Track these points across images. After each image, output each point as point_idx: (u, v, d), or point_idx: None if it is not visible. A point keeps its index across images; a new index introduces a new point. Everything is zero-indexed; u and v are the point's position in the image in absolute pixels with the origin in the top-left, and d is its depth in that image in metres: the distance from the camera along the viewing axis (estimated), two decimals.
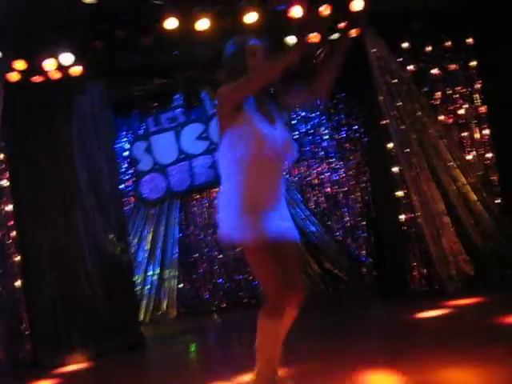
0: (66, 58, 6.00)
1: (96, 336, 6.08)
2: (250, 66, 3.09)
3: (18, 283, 5.99)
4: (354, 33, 6.58)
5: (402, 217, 6.89)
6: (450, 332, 4.66)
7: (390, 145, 6.95)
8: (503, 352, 3.68)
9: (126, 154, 8.58)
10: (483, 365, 3.47)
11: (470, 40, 7.55)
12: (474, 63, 7.56)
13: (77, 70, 6.17)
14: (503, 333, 4.36)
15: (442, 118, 7.38)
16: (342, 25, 6.50)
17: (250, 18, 6.08)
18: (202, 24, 6.07)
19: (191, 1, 6.03)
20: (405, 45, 7.31)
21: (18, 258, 6.05)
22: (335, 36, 6.75)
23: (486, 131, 7.50)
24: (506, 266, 6.77)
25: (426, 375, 3.42)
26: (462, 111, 7.50)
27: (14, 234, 6.06)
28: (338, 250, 8.26)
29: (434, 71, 7.46)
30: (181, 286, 8.47)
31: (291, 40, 6.59)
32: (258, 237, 2.95)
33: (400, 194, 6.90)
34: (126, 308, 6.41)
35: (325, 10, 6.06)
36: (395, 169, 6.91)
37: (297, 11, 6.04)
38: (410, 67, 7.27)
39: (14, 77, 6.00)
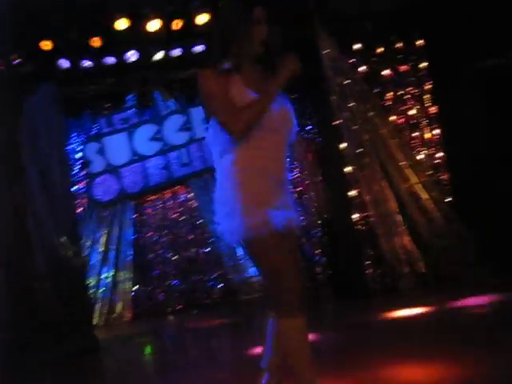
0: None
1: (48, 340, 5.98)
2: (254, 34, 2.76)
3: None
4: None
5: (355, 216, 6.96)
6: (404, 328, 4.73)
7: (343, 145, 7.02)
8: (454, 346, 3.76)
9: (79, 155, 8.44)
10: (438, 358, 3.54)
11: (420, 42, 7.67)
12: (424, 64, 7.69)
13: (27, 70, 6.07)
14: (454, 327, 4.46)
15: (393, 118, 7.49)
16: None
17: (202, 18, 6.07)
18: (153, 25, 6.03)
19: (142, 2, 5.99)
20: (357, 46, 7.38)
21: None
22: None
23: (437, 131, 7.64)
24: (456, 262, 6.90)
25: (378, 372, 3.46)
26: (413, 112, 7.62)
27: None
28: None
29: (386, 72, 7.57)
30: (135, 288, 8.39)
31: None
32: (263, 225, 2.71)
33: (353, 193, 6.97)
34: (79, 311, 6.33)
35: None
36: (348, 169, 6.98)
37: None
38: (362, 68, 7.36)
39: None
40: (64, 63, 6.60)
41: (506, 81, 6.73)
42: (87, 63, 6.81)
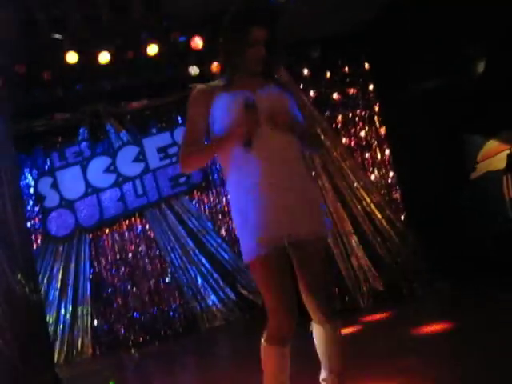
0: None
1: (7, 381, 5.83)
2: (248, 57, 2.74)
3: None
4: None
5: None
6: (362, 347, 4.77)
7: None
8: (414, 362, 3.81)
9: (31, 190, 8.34)
10: (396, 376, 3.58)
11: (366, 65, 7.87)
12: (371, 87, 7.88)
13: None
14: (414, 344, 4.52)
15: (344, 140, 7.64)
16: None
17: (152, 49, 6.12)
18: (103, 57, 6.06)
19: (91, 35, 6.01)
20: (305, 72, 7.54)
21: None
22: None
23: (387, 151, 7.81)
24: (413, 279, 7.01)
25: None
26: (362, 133, 7.78)
27: None
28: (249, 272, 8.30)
29: (335, 96, 7.73)
30: (95, 322, 8.27)
31: (193, 70, 6.67)
32: (250, 251, 2.66)
33: None
34: (38, 350, 6.19)
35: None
36: None
37: (197, 42, 6.13)
38: (311, 93, 7.50)
39: None
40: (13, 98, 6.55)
41: (449, 100, 6.94)
42: (38, 97, 6.77)
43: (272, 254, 2.62)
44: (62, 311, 8.07)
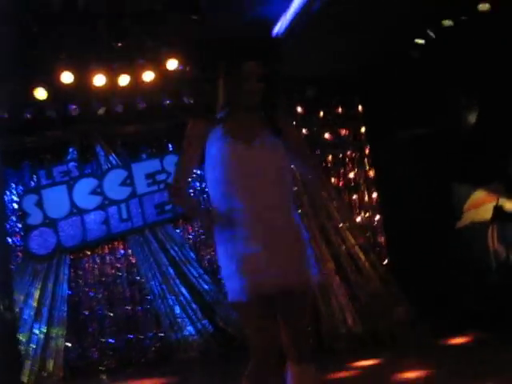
0: None
1: None
2: (243, 91, 2.76)
3: None
4: None
5: None
6: None
7: None
8: None
9: (15, 206, 8.26)
10: None
11: (360, 107, 7.92)
12: (363, 129, 7.93)
13: None
14: None
15: (333, 180, 7.65)
16: None
17: (147, 76, 6.14)
18: (99, 80, 6.07)
19: (88, 57, 6.03)
20: (299, 109, 7.58)
21: None
22: None
23: (374, 194, 7.82)
24: (393, 325, 6.97)
25: None
26: (351, 174, 7.80)
27: None
28: (230, 308, 8.21)
29: (326, 135, 7.76)
30: (68, 345, 8.13)
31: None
32: (232, 293, 2.66)
33: None
34: (7, 368, 6.08)
35: None
36: None
37: (192, 71, 6.16)
38: (304, 131, 7.53)
39: None
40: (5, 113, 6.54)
41: (439, 148, 6.99)
42: (29, 114, 6.76)
43: (255, 300, 2.60)
44: (36, 331, 7.93)
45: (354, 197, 7.83)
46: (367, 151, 7.90)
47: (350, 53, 6.83)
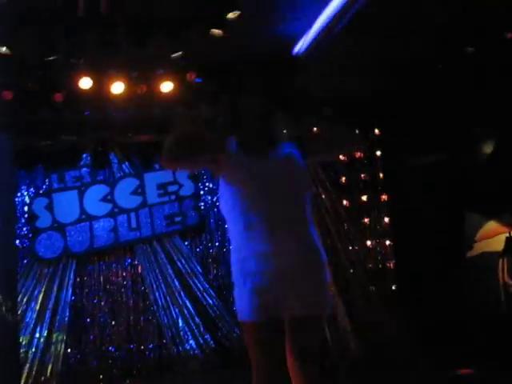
0: None
1: None
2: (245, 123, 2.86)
3: None
4: None
5: None
6: None
7: None
8: None
9: (26, 208, 8.27)
10: None
11: (376, 131, 7.89)
12: (378, 153, 7.89)
13: None
14: None
15: (345, 203, 7.60)
16: None
17: (166, 87, 6.14)
18: (117, 88, 6.07)
19: (108, 64, 6.04)
20: (314, 129, 7.54)
21: None
22: None
23: (386, 219, 7.77)
24: (395, 351, 6.89)
25: None
26: (364, 198, 7.75)
27: None
28: (233, 324, 8.15)
29: (341, 157, 7.72)
30: (68, 350, 8.08)
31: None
32: (242, 313, 2.63)
33: None
34: (6, 371, 6.05)
35: None
36: None
37: (211, 86, 6.16)
38: None
39: None
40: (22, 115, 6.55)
41: (454, 176, 6.95)
42: (46, 117, 6.77)
43: (265, 322, 2.56)
44: (37, 335, 7.90)
45: (366, 220, 7.78)
46: (381, 175, 7.86)
47: (369, 75, 6.81)
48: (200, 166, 3.01)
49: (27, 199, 8.29)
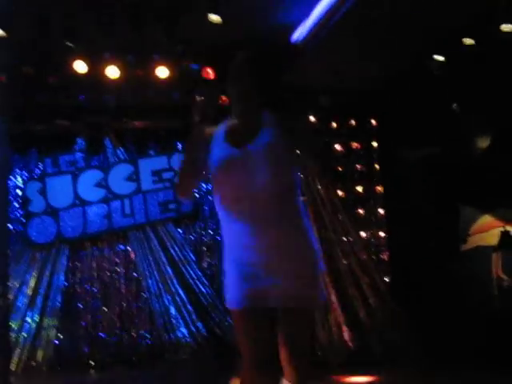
0: None
1: None
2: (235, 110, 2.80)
3: None
4: None
5: None
6: None
7: None
8: None
9: (19, 192, 8.21)
10: None
11: (373, 122, 7.86)
12: (375, 144, 7.86)
13: None
14: None
15: (340, 193, 7.58)
16: None
17: (161, 72, 6.09)
18: (112, 72, 6.02)
19: (103, 47, 5.99)
20: (312, 119, 7.51)
21: None
22: None
23: (381, 211, 7.75)
24: (387, 343, 6.90)
25: None
26: (359, 189, 7.73)
27: None
28: (225, 313, 8.14)
29: (337, 147, 7.69)
30: (60, 336, 8.06)
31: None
32: (230, 300, 2.61)
33: None
34: None
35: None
36: None
37: (209, 73, 6.11)
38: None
39: None
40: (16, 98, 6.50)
41: (449, 169, 6.92)
42: (41, 101, 6.72)
43: (254, 309, 2.53)
44: (29, 320, 7.87)
45: (361, 211, 7.76)
46: (377, 166, 7.83)
47: (368, 65, 6.77)
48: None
49: (21, 183, 8.23)
